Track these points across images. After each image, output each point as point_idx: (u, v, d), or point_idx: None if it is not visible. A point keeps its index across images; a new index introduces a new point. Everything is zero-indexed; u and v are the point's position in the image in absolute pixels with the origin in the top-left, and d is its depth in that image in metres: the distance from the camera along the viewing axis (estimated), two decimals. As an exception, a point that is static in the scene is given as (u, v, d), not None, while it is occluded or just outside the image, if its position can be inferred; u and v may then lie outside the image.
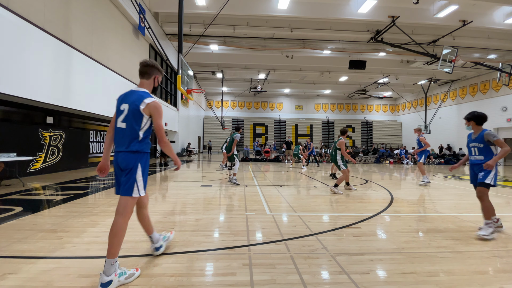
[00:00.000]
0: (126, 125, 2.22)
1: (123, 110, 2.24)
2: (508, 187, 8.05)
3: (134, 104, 2.21)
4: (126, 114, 2.22)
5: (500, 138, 3.45)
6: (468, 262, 2.60)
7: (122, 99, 2.30)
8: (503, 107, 20.31)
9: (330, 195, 6.13)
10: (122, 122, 2.23)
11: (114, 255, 2.09)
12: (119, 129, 2.25)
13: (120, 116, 2.25)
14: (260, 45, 17.01)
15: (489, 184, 3.43)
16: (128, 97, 2.28)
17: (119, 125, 2.25)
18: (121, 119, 2.24)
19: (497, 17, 14.33)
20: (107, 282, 2.01)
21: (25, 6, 6.58)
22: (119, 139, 2.26)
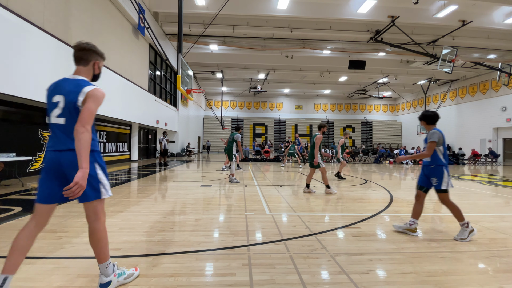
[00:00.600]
0: (65, 121, 1.86)
1: (57, 103, 1.87)
2: (508, 187, 8.05)
3: (71, 95, 1.85)
4: (62, 108, 1.86)
5: (434, 143, 3.29)
6: (467, 262, 2.60)
7: (53, 90, 1.91)
8: (503, 107, 20.32)
9: (330, 195, 6.13)
10: (58, 118, 1.87)
11: (104, 259, 2.01)
12: (56, 125, 1.88)
13: (54, 110, 1.88)
14: (260, 45, 17.00)
15: (446, 189, 3.32)
16: (62, 87, 1.90)
17: (55, 121, 1.87)
18: (56, 114, 1.87)
19: (497, 17, 14.33)
20: (106, 282, 1.99)
21: (24, 6, 6.57)
22: (58, 136, 1.87)
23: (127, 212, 4.30)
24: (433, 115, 3.51)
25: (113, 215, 4.07)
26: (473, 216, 4.35)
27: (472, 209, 4.92)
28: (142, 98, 14.07)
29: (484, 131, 21.82)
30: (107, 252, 2.03)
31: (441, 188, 3.31)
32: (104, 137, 12.24)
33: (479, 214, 4.57)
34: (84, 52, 2.01)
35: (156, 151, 19.12)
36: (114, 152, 13.34)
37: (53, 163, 1.87)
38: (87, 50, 2.01)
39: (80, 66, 2.02)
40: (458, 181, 9.19)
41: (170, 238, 3.12)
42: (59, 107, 1.87)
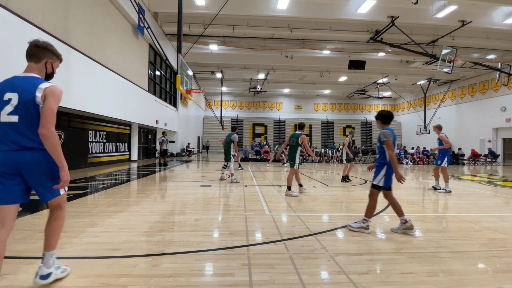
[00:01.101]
0: (18, 118, 1.81)
1: (9, 100, 1.82)
2: (507, 187, 8.06)
3: (26, 93, 1.82)
4: (15, 105, 1.81)
5: (390, 140, 3.35)
6: (467, 262, 2.60)
7: (3, 88, 1.85)
8: (502, 107, 20.33)
9: (330, 195, 6.13)
10: (10, 115, 1.81)
11: (54, 247, 2.09)
12: (7, 124, 1.81)
13: (5, 107, 1.82)
14: (259, 45, 17.01)
15: (376, 185, 3.44)
16: (14, 84, 1.85)
17: (6, 119, 1.81)
18: (7, 112, 1.81)
19: (496, 17, 14.35)
20: (47, 274, 2.03)
21: (24, 6, 6.57)
22: (10, 135, 1.82)
23: (126, 212, 4.30)
24: (389, 115, 3.58)
25: (112, 215, 4.07)
26: (472, 216, 4.35)
27: (471, 209, 4.92)
28: (142, 98, 14.07)
29: (483, 131, 21.84)
30: (57, 241, 2.12)
31: (372, 182, 3.54)
32: (103, 137, 12.24)
33: (479, 214, 4.57)
34: (38, 49, 1.98)
35: (156, 151, 19.11)
36: (113, 152, 13.33)
37: (8, 162, 1.81)
38: (41, 47, 1.99)
39: (32, 62, 1.98)
40: (457, 181, 9.19)
41: (169, 238, 3.12)
42: (11, 105, 1.81)
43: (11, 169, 1.83)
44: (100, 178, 8.25)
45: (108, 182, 7.51)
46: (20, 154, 1.83)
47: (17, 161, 1.82)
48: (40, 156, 1.87)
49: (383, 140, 3.42)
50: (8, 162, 1.82)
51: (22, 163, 1.83)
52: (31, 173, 1.85)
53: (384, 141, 3.41)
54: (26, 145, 1.82)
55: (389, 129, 3.49)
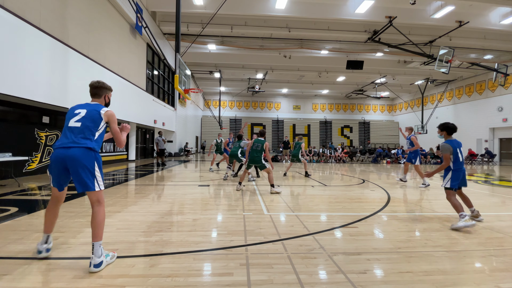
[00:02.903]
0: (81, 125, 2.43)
1: (79, 113, 2.47)
2: (504, 186, 8.12)
3: (93, 110, 2.51)
4: (83, 116, 2.45)
5: (447, 154, 3.91)
6: (464, 261, 2.62)
7: (75, 107, 2.56)
8: (499, 107, 20.47)
9: (328, 195, 6.15)
10: (76, 122, 2.45)
11: (100, 238, 2.36)
12: (71, 128, 2.44)
13: (73, 117, 2.47)
14: (258, 45, 17.00)
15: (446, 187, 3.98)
16: (84, 105, 2.56)
17: (72, 124, 2.44)
18: (75, 120, 2.45)
19: (493, 17, 14.44)
20: (99, 262, 2.28)
21: (21, 5, 6.52)
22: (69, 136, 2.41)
23: (124, 212, 4.28)
24: (453, 127, 4.12)
25: (110, 215, 4.06)
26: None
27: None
28: (140, 97, 14.02)
29: (480, 131, 21.98)
30: (102, 233, 2.40)
31: (444, 186, 4.04)
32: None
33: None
34: (98, 89, 2.71)
35: (153, 151, 19.06)
36: (111, 152, 13.28)
37: (61, 157, 2.33)
38: (100, 87, 2.71)
39: (95, 99, 2.70)
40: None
41: (167, 238, 3.12)
42: (79, 115, 2.45)
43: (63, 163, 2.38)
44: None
45: (106, 182, 7.48)
46: (72, 150, 2.36)
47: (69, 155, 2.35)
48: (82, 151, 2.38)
49: (441, 154, 3.97)
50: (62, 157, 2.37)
51: (71, 156, 2.34)
52: (72, 165, 2.35)
53: (443, 155, 3.94)
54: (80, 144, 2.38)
55: (450, 142, 3.99)
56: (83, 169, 2.33)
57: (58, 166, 2.34)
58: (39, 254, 2.46)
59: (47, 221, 2.50)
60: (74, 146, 2.32)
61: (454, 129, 4.08)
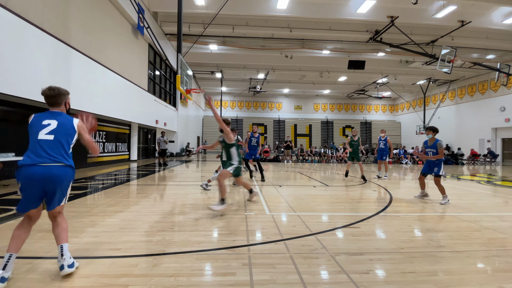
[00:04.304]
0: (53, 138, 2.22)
1: (48, 125, 2.24)
2: (506, 187, 8.08)
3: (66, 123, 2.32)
4: (54, 128, 2.23)
5: (443, 148, 5.32)
6: (467, 262, 2.61)
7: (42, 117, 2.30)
8: (501, 107, 20.38)
9: (330, 195, 6.14)
10: (47, 135, 2.22)
11: (67, 240, 2.28)
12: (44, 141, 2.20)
13: (43, 129, 2.22)
14: (259, 45, 17.00)
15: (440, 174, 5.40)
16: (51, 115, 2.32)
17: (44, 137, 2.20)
18: (45, 132, 2.22)
19: (496, 17, 14.37)
20: (72, 263, 2.22)
21: (23, 5, 6.55)
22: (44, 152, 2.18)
23: (126, 212, 4.30)
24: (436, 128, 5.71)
25: (112, 215, 4.07)
26: (472, 216, 4.36)
27: (471, 209, 4.93)
28: (142, 98, 14.05)
29: (483, 131, 21.88)
30: (67, 235, 2.32)
31: (438, 173, 5.41)
32: (103, 137, 12.22)
33: (478, 214, 4.58)
34: (55, 97, 2.37)
35: (155, 151, 19.10)
36: (113, 152, 13.32)
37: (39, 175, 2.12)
38: (57, 95, 2.39)
39: (55, 108, 2.38)
40: (457, 181, 9.21)
41: (170, 238, 3.12)
42: (50, 127, 2.23)
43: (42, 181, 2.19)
44: (100, 178, 8.24)
45: (108, 182, 7.51)
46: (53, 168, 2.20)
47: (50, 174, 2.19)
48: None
49: (441, 148, 5.27)
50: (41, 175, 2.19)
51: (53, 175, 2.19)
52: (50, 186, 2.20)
53: (440, 149, 5.27)
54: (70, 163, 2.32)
55: (440, 140, 5.37)
56: (62, 190, 2.25)
57: (37, 187, 2.11)
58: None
59: (17, 240, 2.15)
60: (54, 164, 2.14)
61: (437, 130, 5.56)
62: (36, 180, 2.10)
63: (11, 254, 2.08)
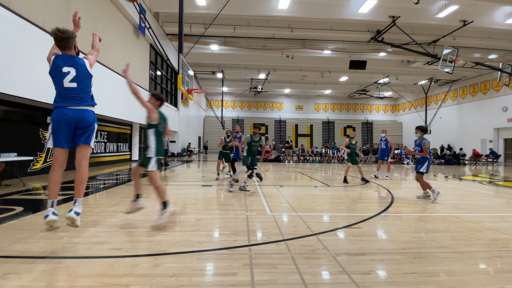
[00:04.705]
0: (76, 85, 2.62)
1: (69, 72, 2.59)
2: (509, 187, 8.04)
3: (82, 68, 2.69)
4: (75, 76, 2.61)
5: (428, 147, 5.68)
6: (469, 262, 2.60)
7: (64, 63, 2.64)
8: (504, 107, 20.29)
9: (331, 195, 6.13)
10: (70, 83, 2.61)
11: (82, 195, 2.74)
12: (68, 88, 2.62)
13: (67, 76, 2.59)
14: (260, 45, 17.00)
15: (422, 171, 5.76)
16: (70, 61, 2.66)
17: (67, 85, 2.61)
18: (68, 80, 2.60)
19: (498, 17, 14.32)
20: (79, 212, 2.65)
21: (25, 6, 6.58)
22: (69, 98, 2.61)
23: (128, 212, 4.29)
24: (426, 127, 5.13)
25: (114, 215, 4.08)
26: (474, 217, 4.34)
27: (473, 210, 4.92)
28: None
29: (485, 131, 21.80)
30: (83, 191, 2.78)
31: (420, 170, 5.79)
32: (105, 137, 12.25)
33: (481, 214, 4.56)
34: (65, 41, 2.65)
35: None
36: (115, 152, 13.35)
37: (69, 116, 2.57)
38: (68, 37, 2.67)
39: (67, 50, 2.70)
40: (459, 181, 9.18)
41: (171, 238, 3.13)
42: (70, 75, 2.60)
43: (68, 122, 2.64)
44: (101, 178, 8.26)
45: (109, 182, 7.52)
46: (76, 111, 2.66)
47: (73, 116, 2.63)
48: None
49: (426, 147, 5.61)
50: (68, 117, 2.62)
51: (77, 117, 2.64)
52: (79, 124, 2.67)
53: (425, 147, 5.60)
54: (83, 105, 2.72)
55: (426, 139, 5.73)
56: (91, 128, 2.71)
57: (69, 126, 2.57)
58: (46, 218, 2.52)
59: (54, 185, 2.62)
60: (83, 107, 2.62)
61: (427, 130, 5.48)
62: (66, 119, 2.55)
63: (53, 200, 2.59)
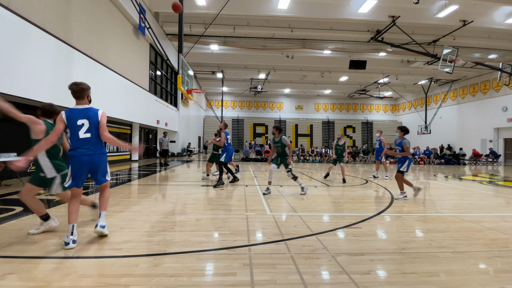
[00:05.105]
0: (91, 135, 3.01)
1: (83, 125, 2.99)
2: (509, 187, 8.04)
3: (95, 120, 3.04)
4: (88, 127, 3.00)
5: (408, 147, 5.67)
6: (468, 262, 2.60)
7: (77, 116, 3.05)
8: (504, 107, 20.29)
9: (331, 195, 6.13)
10: (85, 133, 3.00)
11: (106, 208, 3.16)
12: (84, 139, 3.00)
13: (81, 129, 2.99)
14: (260, 45, 17.00)
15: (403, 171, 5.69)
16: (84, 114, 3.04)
17: (83, 136, 3.00)
18: (83, 131, 2.99)
19: (498, 17, 14.32)
20: (104, 225, 3.03)
21: (25, 6, 6.58)
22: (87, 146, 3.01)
23: (127, 212, 4.30)
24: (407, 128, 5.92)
25: (113, 215, 4.08)
26: (474, 216, 4.34)
27: (473, 209, 4.91)
28: (143, 98, 14.08)
29: (485, 131, 21.80)
30: (107, 205, 3.23)
31: (400, 169, 5.78)
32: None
33: (480, 214, 4.56)
34: (80, 92, 3.11)
35: (156, 151, 19.13)
36: (114, 152, 13.35)
37: (86, 162, 2.98)
38: (84, 89, 3.15)
39: (81, 100, 3.12)
40: (459, 181, 9.18)
41: (171, 238, 3.13)
42: (85, 127, 3.00)
43: (87, 166, 3.05)
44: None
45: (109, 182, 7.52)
46: (95, 157, 3.06)
47: (93, 161, 3.04)
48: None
49: (406, 146, 5.62)
50: (87, 162, 3.02)
51: (96, 161, 3.06)
52: (96, 168, 3.09)
53: (406, 147, 5.62)
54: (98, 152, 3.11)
55: (406, 139, 5.71)
56: (103, 170, 3.12)
57: (83, 169, 2.97)
58: (66, 246, 2.75)
59: (73, 212, 2.91)
60: (95, 153, 3.01)
61: (408, 131, 5.82)
62: (84, 164, 2.96)
63: (73, 224, 2.84)
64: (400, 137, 5.80)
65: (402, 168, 5.68)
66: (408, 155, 5.64)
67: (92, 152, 2.99)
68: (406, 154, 5.62)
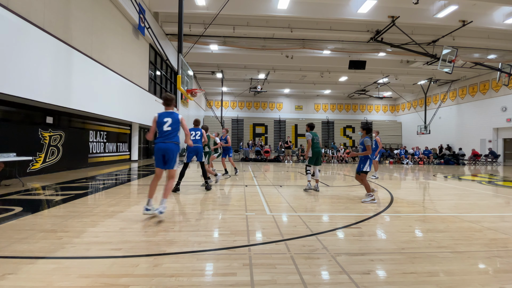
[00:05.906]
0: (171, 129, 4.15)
1: (167, 122, 4.14)
2: (508, 187, 8.05)
3: (176, 119, 4.21)
4: (171, 123, 4.15)
5: (370, 145, 5.57)
6: (468, 262, 2.60)
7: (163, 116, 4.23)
8: (503, 107, 20.32)
9: (330, 195, 6.13)
10: (168, 127, 4.15)
11: (167, 196, 4.05)
12: (166, 131, 4.15)
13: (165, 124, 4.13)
14: (260, 45, 16.99)
15: (365, 171, 5.53)
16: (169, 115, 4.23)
17: (166, 129, 4.14)
18: (167, 125, 4.14)
19: (497, 17, 14.33)
20: (163, 210, 3.87)
21: (25, 6, 6.57)
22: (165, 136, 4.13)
23: (127, 212, 4.30)
24: (369, 127, 5.85)
25: (113, 215, 4.08)
26: (473, 216, 4.34)
27: (472, 209, 4.92)
28: (142, 98, 14.07)
29: (484, 131, 21.82)
30: (169, 194, 4.19)
31: (362, 170, 5.59)
32: (104, 137, 12.24)
33: (480, 214, 4.57)
34: (170, 101, 4.30)
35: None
36: (114, 152, 13.34)
37: (163, 148, 4.05)
38: (171, 99, 4.30)
39: (170, 106, 4.29)
40: (458, 181, 9.19)
41: (170, 238, 3.13)
42: (168, 123, 4.15)
43: (163, 151, 4.10)
44: (101, 178, 8.25)
45: (109, 182, 7.52)
46: (169, 144, 4.14)
47: (168, 147, 4.10)
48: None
49: (368, 144, 5.55)
50: (164, 148, 4.09)
51: (169, 148, 4.12)
52: (169, 153, 4.09)
53: (367, 145, 5.54)
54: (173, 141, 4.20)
55: (368, 138, 5.66)
56: (173, 156, 4.08)
57: (160, 153, 4.01)
58: (147, 211, 3.81)
59: (152, 189, 4.05)
60: (170, 142, 4.08)
61: (371, 130, 5.92)
62: (160, 150, 4.03)
63: (149, 199, 3.95)
64: (363, 136, 5.72)
65: (365, 168, 5.51)
66: (370, 153, 5.53)
67: (168, 140, 4.13)
68: (368, 152, 5.52)
